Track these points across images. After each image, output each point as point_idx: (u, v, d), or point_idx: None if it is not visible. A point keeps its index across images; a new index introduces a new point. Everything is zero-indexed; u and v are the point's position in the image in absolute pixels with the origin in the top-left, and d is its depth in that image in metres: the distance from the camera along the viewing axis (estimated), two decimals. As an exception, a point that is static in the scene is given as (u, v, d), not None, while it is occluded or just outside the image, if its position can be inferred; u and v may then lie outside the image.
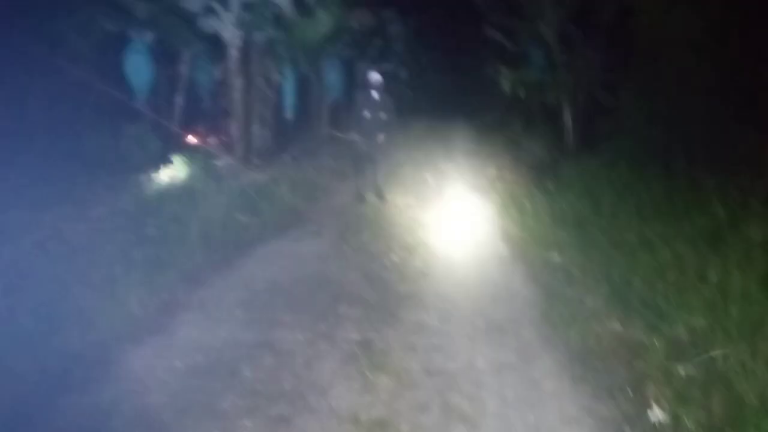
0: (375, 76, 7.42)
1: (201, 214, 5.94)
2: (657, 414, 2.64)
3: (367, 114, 7.31)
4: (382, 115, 7.35)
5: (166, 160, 9.42)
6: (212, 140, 11.03)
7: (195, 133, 11.16)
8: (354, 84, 13.87)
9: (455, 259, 5.33)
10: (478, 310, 4.04)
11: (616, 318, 3.61)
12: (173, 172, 9.01)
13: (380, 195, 7.65)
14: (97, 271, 4.14)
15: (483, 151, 12.57)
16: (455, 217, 7.04)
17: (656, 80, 8.92)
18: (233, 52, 9.44)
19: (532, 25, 11.86)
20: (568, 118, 11.33)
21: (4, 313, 3.40)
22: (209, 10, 9.04)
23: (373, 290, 4.42)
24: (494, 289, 4.49)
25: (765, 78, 7.35)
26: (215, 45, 9.82)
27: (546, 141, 11.52)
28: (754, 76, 7.50)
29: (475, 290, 4.46)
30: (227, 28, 9.21)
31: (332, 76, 13.86)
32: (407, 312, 4.01)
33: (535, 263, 5.02)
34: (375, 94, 7.34)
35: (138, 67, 10.43)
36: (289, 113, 12.55)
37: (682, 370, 2.91)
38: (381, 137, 7.43)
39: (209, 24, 9.16)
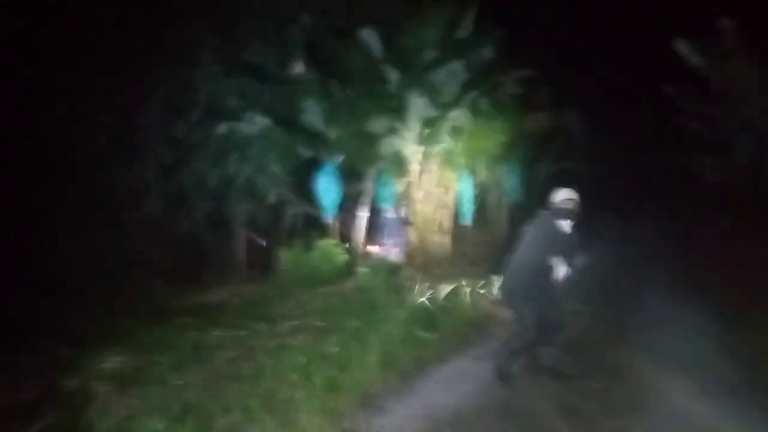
0: (566, 196, 4.63)
1: (382, 330, 5.82)
2: None
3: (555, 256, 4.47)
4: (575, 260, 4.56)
5: (350, 273, 9.78)
6: (394, 251, 11.26)
7: (378, 245, 11.54)
8: (534, 185, 13.52)
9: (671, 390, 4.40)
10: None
11: None
12: (357, 284, 9.23)
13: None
14: (278, 392, 4.10)
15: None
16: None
17: None
18: (414, 166, 9.74)
19: (737, 109, 10.59)
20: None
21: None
22: (392, 130, 9.54)
23: (571, 425, 3.74)
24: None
25: None
26: (397, 160, 10.25)
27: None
28: None
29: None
30: (408, 145, 9.59)
31: (510, 180, 13.67)
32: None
33: None
34: (566, 227, 4.57)
35: (327, 187, 11.28)
36: (467, 220, 12.47)
37: None
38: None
39: (392, 143, 9.62)
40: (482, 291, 8.27)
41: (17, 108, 7.83)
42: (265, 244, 11.71)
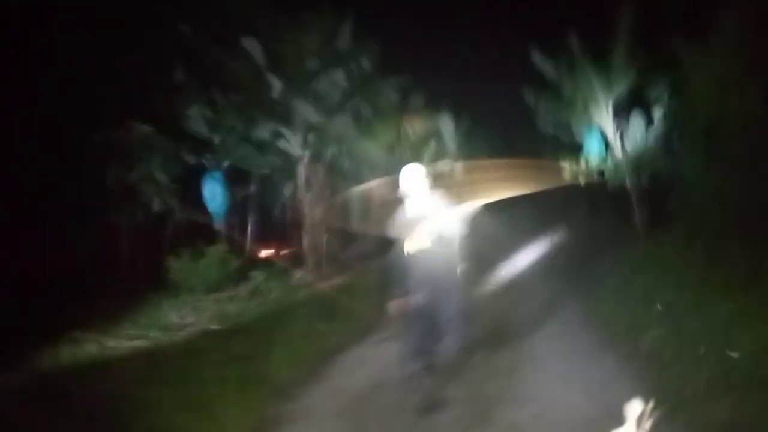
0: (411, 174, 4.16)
1: (283, 326, 6.21)
2: None
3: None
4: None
5: (244, 277, 9.97)
6: (285, 253, 11.59)
7: (269, 248, 11.80)
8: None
9: (545, 350, 5.26)
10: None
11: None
12: (251, 287, 9.46)
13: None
14: (194, 392, 4.36)
15: (551, 238, 12.51)
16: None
17: (714, 155, 8.81)
18: (301, 170, 10.13)
19: (587, 113, 12.07)
20: (632, 200, 11.21)
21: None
22: (277, 136, 9.85)
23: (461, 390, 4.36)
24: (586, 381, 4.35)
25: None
26: (283, 166, 10.58)
27: (615, 223, 11.40)
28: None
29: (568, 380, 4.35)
30: (294, 150, 9.95)
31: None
32: (499, 412, 3.93)
33: (623, 348, 4.90)
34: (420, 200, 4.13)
35: (215, 192, 11.33)
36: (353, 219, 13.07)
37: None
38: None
39: (278, 148, 9.93)
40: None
41: None
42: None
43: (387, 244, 4.45)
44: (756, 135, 8.18)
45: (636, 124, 11.09)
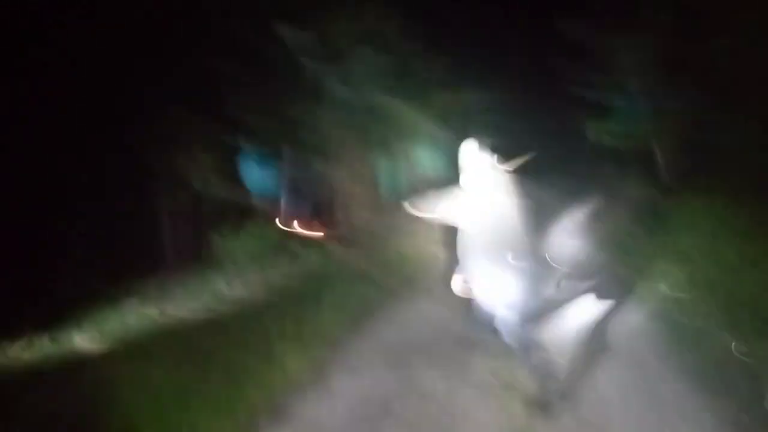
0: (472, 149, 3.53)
1: (324, 290, 6.76)
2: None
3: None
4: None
5: (283, 250, 10.53)
6: (317, 226, 12.12)
7: (305, 223, 12.34)
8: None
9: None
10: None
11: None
12: (292, 258, 10.00)
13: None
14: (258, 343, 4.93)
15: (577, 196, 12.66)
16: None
17: (740, 116, 8.95)
18: (337, 147, 10.58)
19: (615, 78, 12.15)
20: (659, 160, 11.40)
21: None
22: (310, 113, 10.28)
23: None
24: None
25: None
26: (318, 144, 11.02)
27: (641, 182, 11.59)
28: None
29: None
30: (328, 126, 10.38)
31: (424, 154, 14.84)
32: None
33: (644, 295, 5.28)
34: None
35: (252, 172, 11.90)
36: (386, 194, 13.50)
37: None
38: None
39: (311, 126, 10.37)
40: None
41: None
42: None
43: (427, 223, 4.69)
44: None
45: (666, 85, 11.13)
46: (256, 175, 12.08)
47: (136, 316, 7.25)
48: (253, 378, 4.14)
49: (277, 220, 12.21)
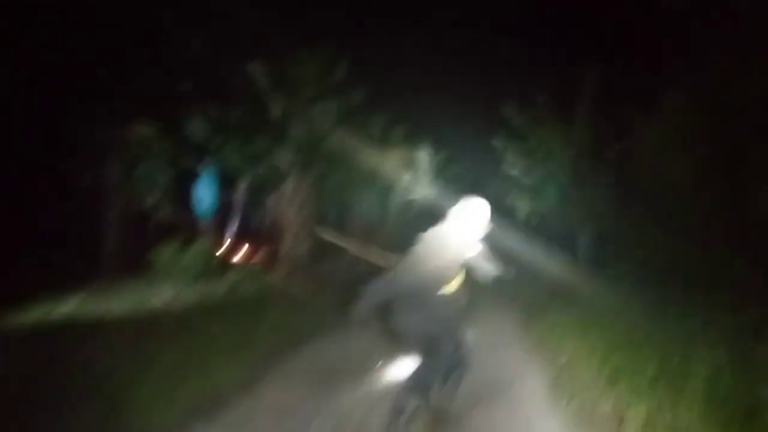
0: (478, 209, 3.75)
1: (259, 315, 7.22)
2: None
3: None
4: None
5: (224, 273, 10.89)
6: (263, 258, 12.57)
7: (249, 251, 12.80)
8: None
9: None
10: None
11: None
12: (232, 282, 10.36)
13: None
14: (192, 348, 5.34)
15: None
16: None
17: (653, 212, 10.24)
18: (288, 184, 11.19)
19: (547, 164, 13.51)
20: (581, 243, 12.60)
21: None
22: (271, 150, 10.91)
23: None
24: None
25: (746, 213, 8.60)
26: (272, 178, 11.61)
27: (562, 262, 12.71)
28: (736, 211, 8.76)
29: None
30: (285, 164, 11.01)
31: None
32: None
33: (544, 362, 6.03)
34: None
35: (204, 194, 12.31)
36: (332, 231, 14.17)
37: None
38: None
39: (271, 160, 10.97)
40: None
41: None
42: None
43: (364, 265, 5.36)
44: (689, 201, 9.68)
45: (589, 179, 12.53)
46: (207, 198, 12.50)
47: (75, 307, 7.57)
48: (191, 378, 4.58)
49: (220, 243, 12.61)
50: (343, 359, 5.78)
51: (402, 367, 4.75)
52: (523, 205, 14.09)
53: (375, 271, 3.84)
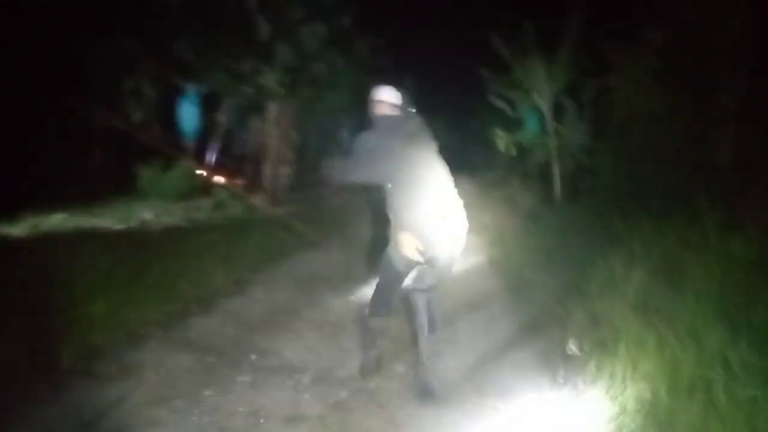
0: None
1: (246, 230, 7.57)
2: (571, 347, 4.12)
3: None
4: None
5: (207, 193, 11.11)
6: (244, 180, 12.78)
7: (230, 172, 12.96)
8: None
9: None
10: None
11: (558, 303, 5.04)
12: (216, 201, 10.62)
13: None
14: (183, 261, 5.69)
15: (483, 203, 14.22)
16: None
17: (627, 147, 10.65)
18: (273, 106, 11.28)
19: (530, 97, 13.72)
20: (556, 176, 13.03)
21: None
22: (257, 72, 10.92)
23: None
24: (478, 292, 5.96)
25: (712, 146, 9.06)
26: (258, 100, 11.67)
27: (538, 195, 13.18)
28: (702, 145, 9.21)
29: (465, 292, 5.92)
30: (271, 86, 11.06)
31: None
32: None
33: (509, 276, 6.56)
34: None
35: (189, 113, 12.34)
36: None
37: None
38: None
39: (256, 83, 11.01)
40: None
41: None
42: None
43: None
44: (657, 132, 10.10)
45: (570, 113, 12.82)
46: (192, 118, 12.53)
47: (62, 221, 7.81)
48: (186, 277, 4.96)
49: (204, 164, 12.76)
50: (326, 270, 6.25)
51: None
52: (503, 138, 14.39)
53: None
